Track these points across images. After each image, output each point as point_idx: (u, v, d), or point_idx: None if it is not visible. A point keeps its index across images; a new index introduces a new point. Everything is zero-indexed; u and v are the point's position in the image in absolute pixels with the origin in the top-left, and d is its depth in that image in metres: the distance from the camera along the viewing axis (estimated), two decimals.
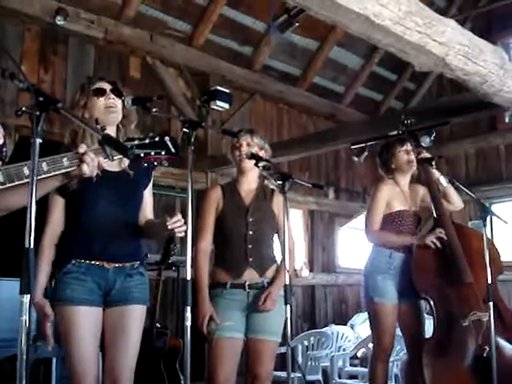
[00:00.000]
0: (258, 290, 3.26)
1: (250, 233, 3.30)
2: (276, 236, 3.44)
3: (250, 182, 3.44)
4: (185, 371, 2.39)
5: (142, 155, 2.16)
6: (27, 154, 1.80)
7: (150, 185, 2.84)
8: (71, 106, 2.69)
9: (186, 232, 2.48)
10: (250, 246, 3.29)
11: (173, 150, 2.20)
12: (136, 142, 2.15)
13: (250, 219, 3.32)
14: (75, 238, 2.62)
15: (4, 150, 2.17)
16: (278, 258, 3.43)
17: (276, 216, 3.40)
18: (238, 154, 3.37)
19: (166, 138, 2.20)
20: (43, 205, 2.05)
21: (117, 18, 5.73)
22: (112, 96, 2.66)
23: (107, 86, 2.69)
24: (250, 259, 3.28)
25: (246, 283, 3.24)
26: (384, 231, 3.90)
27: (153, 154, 2.17)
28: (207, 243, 3.31)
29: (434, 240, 3.77)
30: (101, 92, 2.66)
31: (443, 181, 3.97)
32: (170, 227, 2.49)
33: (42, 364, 4.33)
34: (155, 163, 2.22)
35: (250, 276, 3.27)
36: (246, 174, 3.42)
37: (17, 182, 1.87)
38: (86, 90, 2.69)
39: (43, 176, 1.92)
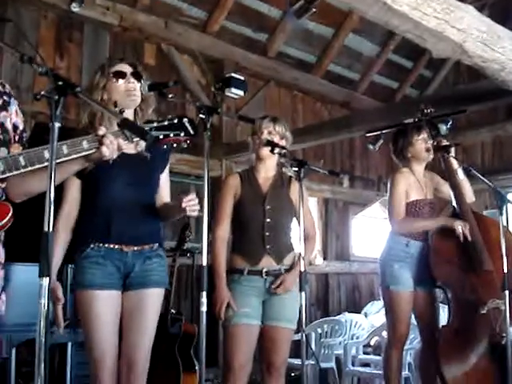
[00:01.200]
0: (275, 277, 3.27)
1: (268, 220, 3.30)
2: (295, 223, 3.44)
3: (267, 169, 3.43)
4: (200, 357, 2.40)
5: (160, 137, 2.16)
6: (43, 140, 1.81)
7: (167, 168, 2.84)
8: (90, 88, 2.67)
9: (201, 217, 2.48)
10: (267, 234, 3.29)
11: (191, 131, 2.19)
12: (155, 124, 2.15)
13: (268, 207, 3.32)
14: (93, 221, 2.62)
15: (24, 135, 2.18)
16: (295, 246, 3.44)
17: (294, 204, 3.40)
18: (258, 141, 3.35)
19: (185, 120, 2.20)
20: (58, 187, 2.05)
21: (132, 5, 5.72)
22: (132, 80, 2.65)
23: (127, 69, 2.67)
24: (268, 246, 3.28)
25: (264, 270, 3.24)
26: (408, 218, 3.88)
27: (172, 135, 2.17)
28: (225, 231, 3.31)
29: (461, 228, 3.74)
30: (121, 75, 2.65)
31: (460, 173, 3.94)
32: (183, 205, 2.49)
33: (57, 349, 4.35)
34: (174, 145, 2.22)
35: (267, 263, 3.27)
36: (263, 161, 3.41)
37: (37, 166, 1.88)
38: (105, 71, 2.67)
39: (63, 159, 1.93)
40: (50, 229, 1.59)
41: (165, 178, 2.83)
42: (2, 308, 2.07)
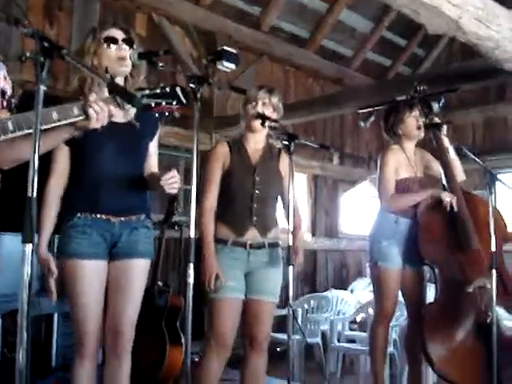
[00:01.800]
0: (258, 250, 3.25)
1: (257, 192, 3.27)
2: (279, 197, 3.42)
3: (257, 140, 3.40)
4: (186, 329, 2.40)
5: (152, 105, 2.12)
6: (30, 107, 1.77)
7: (156, 137, 2.81)
8: (80, 52, 2.62)
9: (190, 190, 2.46)
10: (255, 205, 3.27)
11: (183, 100, 2.16)
12: (147, 92, 2.12)
13: (257, 178, 3.29)
14: (80, 190, 2.60)
15: (12, 100, 2.14)
16: (280, 221, 3.42)
17: (283, 177, 3.38)
18: (251, 112, 3.30)
19: (177, 88, 2.17)
20: (45, 155, 2.03)
21: None
22: (124, 46, 2.60)
23: (119, 35, 2.62)
24: (254, 218, 3.26)
25: (248, 242, 3.22)
26: (397, 195, 3.87)
27: (164, 103, 2.13)
28: (213, 200, 3.26)
29: (449, 199, 3.73)
30: (112, 41, 2.59)
31: (451, 152, 3.93)
32: (161, 183, 2.48)
33: (43, 320, 4.34)
34: (166, 113, 2.19)
35: (252, 235, 3.25)
36: (254, 133, 3.38)
37: (26, 131, 1.84)
38: (96, 36, 2.62)
39: (53, 125, 1.90)
40: (34, 194, 1.56)
41: (154, 147, 2.81)
42: None
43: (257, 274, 3.25)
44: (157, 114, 2.23)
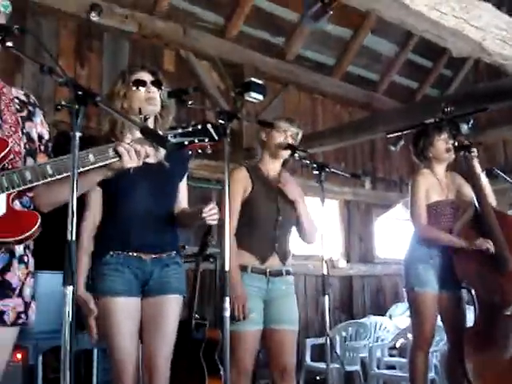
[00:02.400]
0: (276, 277, 3.24)
1: (280, 218, 3.28)
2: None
3: (275, 167, 3.40)
4: (224, 361, 2.41)
5: (186, 143, 2.17)
6: (65, 149, 1.83)
7: (186, 176, 2.86)
8: (111, 96, 2.71)
9: (223, 223, 2.49)
10: (278, 233, 3.27)
11: (215, 136, 2.20)
12: (179, 131, 2.16)
13: (281, 205, 3.30)
14: (112, 229, 2.65)
15: (49, 144, 2.20)
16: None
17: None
18: (281, 142, 3.30)
19: (208, 125, 2.20)
20: (80, 197, 2.08)
21: (150, 12, 5.77)
22: (152, 88, 2.67)
23: (147, 77, 2.69)
24: (276, 245, 3.26)
25: (268, 269, 3.21)
26: (434, 228, 3.85)
27: (196, 141, 2.18)
28: (234, 229, 3.19)
29: (484, 246, 3.70)
30: (141, 83, 2.67)
31: (483, 177, 3.91)
32: (204, 215, 2.52)
33: (82, 355, 4.39)
34: (199, 150, 2.23)
35: (273, 262, 3.24)
36: (275, 161, 3.38)
37: (65, 174, 1.90)
38: (126, 79, 2.70)
39: (90, 167, 1.95)
40: (73, 237, 1.61)
41: (183, 186, 2.86)
42: (32, 317, 2.09)
43: (276, 303, 3.23)
44: (189, 152, 2.27)
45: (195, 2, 6.09)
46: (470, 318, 3.91)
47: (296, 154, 3.17)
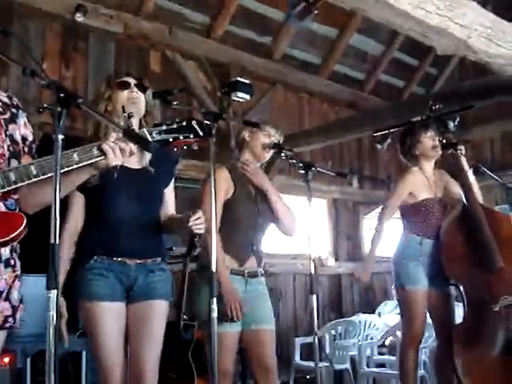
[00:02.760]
0: (253, 279, 3.24)
1: (260, 221, 3.28)
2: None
3: None
4: (212, 362, 2.40)
5: (170, 140, 2.16)
6: (51, 150, 1.82)
7: (172, 181, 2.85)
8: (96, 98, 2.73)
9: (209, 223, 2.48)
10: (256, 235, 3.28)
11: (201, 132, 2.19)
12: (164, 128, 2.15)
13: (260, 207, 3.29)
14: (97, 234, 2.64)
15: (33, 146, 2.19)
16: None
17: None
18: (266, 143, 3.29)
19: (194, 122, 2.19)
20: (63, 201, 2.07)
21: (135, 13, 5.74)
22: (135, 90, 2.68)
23: (132, 81, 2.72)
24: (254, 247, 3.27)
25: (246, 271, 3.21)
26: (381, 232, 3.96)
27: (182, 138, 2.17)
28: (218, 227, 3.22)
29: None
30: (125, 85, 2.69)
31: (470, 175, 3.93)
32: (190, 224, 2.51)
33: (71, 357, 4.36)
34: (185, 147, 2.22)
35: (251, 264, 3.25)
36: (256, 162, 3.36)
37: (49, 174, 1.88)
38: (111, 82, 2.72)
39: (75, 166, 1.94)
40: (57, 240, 1.60)
41: (170, 191, 2.85)
42: (18, 320, 2.08)
43: (253, 304, 3.21)
44: (175, 149, 2.25)
45: (181, 2, 6.07)
46: (459, 315, 3.93)
47: (282, 154, 3.16)
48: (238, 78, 6.20)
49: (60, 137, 1.67)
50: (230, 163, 3.42)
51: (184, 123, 2.19)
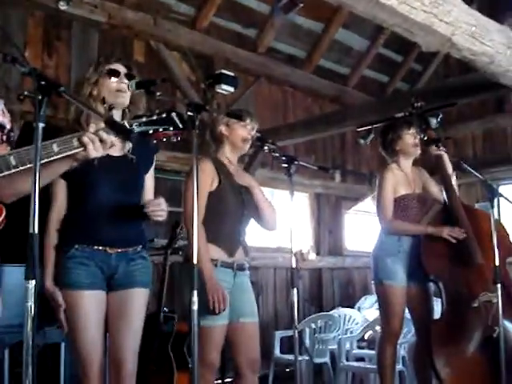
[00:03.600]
0: (241, 271, 3.25)
1: (245, 212, 3.28)
2: None
3: (234, 161, 3.39)
4: (192, 355, 2.39)
5: (150, 132, 2.14)
6: (31, 139, 1.80)
7: (152, 168, 2.85)
8: (82, 81, 2.70)
9: (191, 215, 2.45)
10: (243, 225, 3.29)
11: (180, 125, 2.17)
12: (143, 119, 2.13)
13: (245, 198, 3.29)
14: (77, 223, 2.63)
15: (12, 134, 2.17)
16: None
17: None
18: (246, 136, 3.28)
19: (173, 114, 2.17)
20: (46, 188, 2.05)
21: (120, 2, 5.68)
22: (125, 80, 2.66)
23: (122, 69, 2.69)
24: (241, 239, 3.28)
25: (235, 263, 3.21)
26: (398, 220, 3.89)
27: (161, 130, 2.15)
28: (202, 218, 3.15)
29: (450, 234, 3.75)
30: (115, 73, 2.66)
31: (451, 173, 3.95)
32: (146, 211, 2.53)
33: (49, 349, 4.34)
34: (164, 139, 2.20)
35: (239, 256, 3.25)
36: (236, 154, 3.38)
37: (29, 165, 1.86)
38: (100, 67, 2.68)
39: (54, 157, 1.92)
40: (36, 230, 1.58)
41: (149, 178, 2.85)
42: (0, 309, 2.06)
43: (241, 297, 3.22)
44: (154, 141, 2.24)
45: None
46: (438, 311, 3.96)
47: (265, 147, 3.15)
48: (223, 71, 6.18)
49: (41, 125, 1.65)
50: (210, 155, 3.39)
51: (164, 115, 2.17)
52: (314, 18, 7.14)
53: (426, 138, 3.88)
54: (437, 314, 3.96)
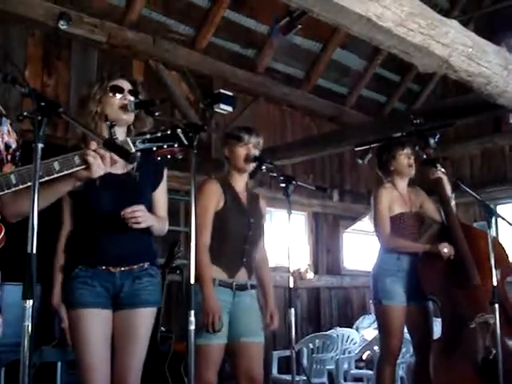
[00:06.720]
0: (242, 291, 3.24)
1: (250, 233, 3.27)
2: None
3: (242, 182, 3.38)
4: (189, 375, 2.38)
5: (154, 149, 2.12)
6: (31, 158, 1.80)
7: (163, 184, 2.81)
8: (86, 98, 2.65)
9: (190, 235, 2.46)
10: (247, 247, 3.27)
11: (185, 141, 2.16)
12: (148, 136, 2.12)
13: (251, 220, 3.29)
14: (80, 243, 2.63)
15: (17, 154, 2.17)
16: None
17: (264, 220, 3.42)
18: (246, 155, 3.27)
19: (178, 130, 2.16)
20: (55, 207, 2.05)
21: (120, 22, 5.73)
22: (129, 97, 2.63)
23: (126, 86, 2.66)
24: (244, 260, 3.26)
25: (234, 283, 3.20)
26: (397, 237, 3.90)
27: (165, 146, 2.13)
28: (208, 239, 3.18)
29: (447, 250, 3.76)
30: (118, 90, 2.63)
31: (450, 193, 3.97)
32: (122, 213, 2.48)
33: (45, 368, 4.31)
34: (168, 156, 2.19)
35: (241, 276, 3.24)
36: (243, 174, 3.36)
37: (29, 183, 1.85)
38: (104, 84, 2.65)
39: (55, 175, 1.91)
40: (34, 250, 1.58)
41: (160, 194, 2.79)
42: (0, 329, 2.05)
43: (242, 316, 3.21)
44: (159, 158, 2.23)
45: (166, 13, 6.08)
46: (438, 331, 3.95)
47: (263, 167, 3.16)
48: (222, 90, 6.22)
49: (40, 145, 1.65)
50: (219, 175, 3.40)
51: (168, 132, 2.16)
52: (312, 38, 7.20)
53: (424, 157, 3.90)
54: (436, 334, 3.95)
